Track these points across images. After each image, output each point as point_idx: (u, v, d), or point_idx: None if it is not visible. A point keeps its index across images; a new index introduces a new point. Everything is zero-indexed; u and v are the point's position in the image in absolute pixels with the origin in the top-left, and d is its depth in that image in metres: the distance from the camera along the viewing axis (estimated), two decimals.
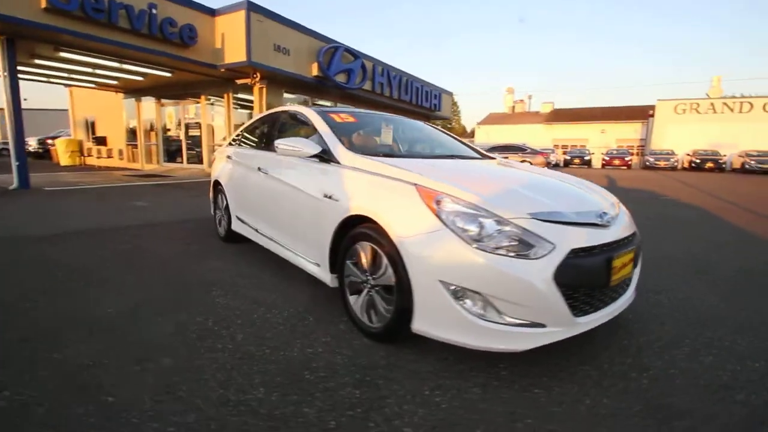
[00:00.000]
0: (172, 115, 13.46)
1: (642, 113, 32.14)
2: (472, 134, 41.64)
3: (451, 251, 1.56)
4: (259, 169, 3.04)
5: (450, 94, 19.62)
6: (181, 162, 13.27)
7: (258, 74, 9.79)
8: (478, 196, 1.66)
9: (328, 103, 13.02)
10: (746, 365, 1.83)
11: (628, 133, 32.98)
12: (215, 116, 12.48)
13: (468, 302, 1.58)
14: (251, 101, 11.17)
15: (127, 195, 7.09)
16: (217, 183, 4.00)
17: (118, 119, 14.38)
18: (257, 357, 1.78)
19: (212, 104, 12.34)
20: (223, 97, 11.64)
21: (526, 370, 1.73)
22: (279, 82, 10.68)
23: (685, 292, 2.72)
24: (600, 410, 1.48)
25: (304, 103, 12.21)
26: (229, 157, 3.79)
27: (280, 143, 2.39)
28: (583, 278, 1.64)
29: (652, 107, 30.22)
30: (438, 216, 1.63)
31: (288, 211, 2.63)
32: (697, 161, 23.20)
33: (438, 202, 1.66)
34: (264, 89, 10.28)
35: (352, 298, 2.09)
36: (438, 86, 17.82)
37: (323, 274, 2.30)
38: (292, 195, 2.54)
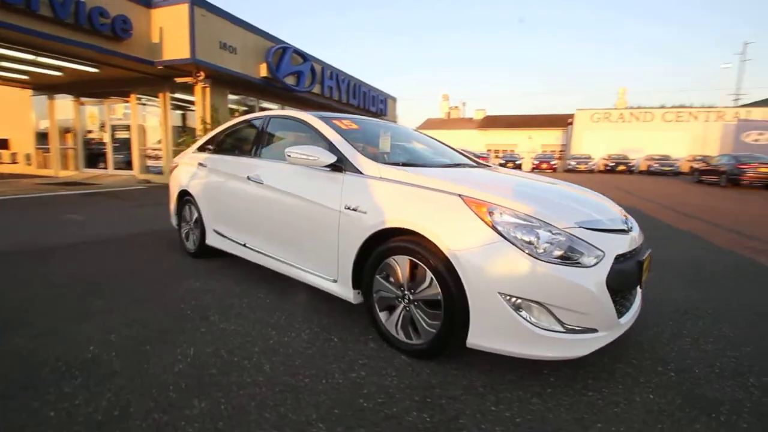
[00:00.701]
0: (95, 115, 12.01)
1: (563, 121, 35.42)
2: None
3: (512, 263, 1.55)
4: (248, 178, 2.80)
5: (394, 99, 19.92)
6: (106, 168, 11.88)
7: (202, 73, 9.10)
8: (531, 206, 1.68)
9: (275, 106, 12.50)
10: (741, 350, 2.06)
11: (551, 139, 36.19)
12: (147, 117, 11.36)
13: (526, 313, 1.58)
14: (189, 101, 10.35)
15: (55, 207, 6.16)
16: (184, 193, 3.62)
17: (25, 119, 12.51)
18: (300, 388, 1.61)
19: (144, 104, 11.22)
20: (157, 97, 10.63)
21: (571, 374, 1.77)
22: (224, 82, 10.03)
23: (659, 287, 3.00)
24: (652, 407, 1.56)
25: (240, 103, 11.59)
26: (201, 164, 3.44)
27: (292, 151, 2.21)
28: (625, 281, 1.72)
29: (572, 116, 33.38)
30: (494, 228, 1.61)
31: (293, 225, 2.44)
32: (612, 164, 26.11)
33: (491, 213, 1.64)
34: (208, 89, 9.57)
35: (382, 315, 2.00)
36: (384, 91, 18.02)
37: (343, 290, 2.17)
38: (300, 207, 2.36)
